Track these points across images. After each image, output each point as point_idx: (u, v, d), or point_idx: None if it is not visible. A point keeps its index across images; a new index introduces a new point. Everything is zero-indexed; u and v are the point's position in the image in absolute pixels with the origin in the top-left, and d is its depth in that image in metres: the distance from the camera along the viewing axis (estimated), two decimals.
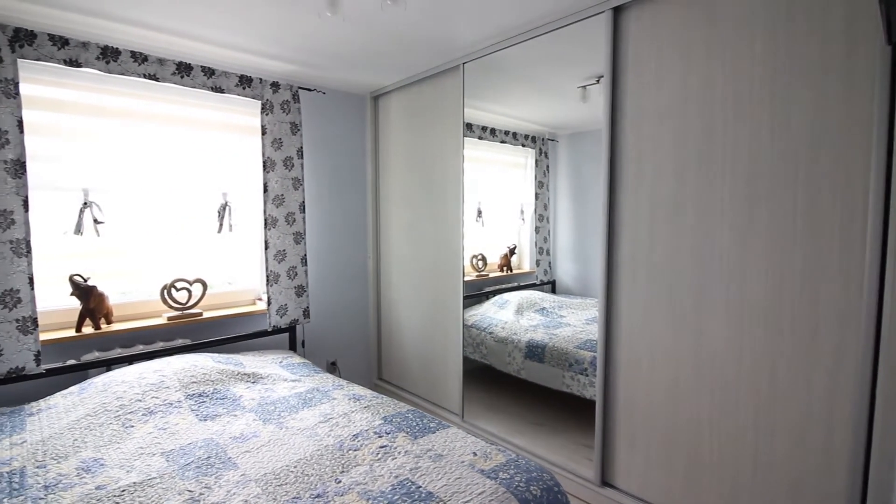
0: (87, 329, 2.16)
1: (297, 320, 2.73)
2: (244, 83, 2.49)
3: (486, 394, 2.82)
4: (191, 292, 2.45)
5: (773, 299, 1.46)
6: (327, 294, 3.04)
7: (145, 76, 2.19)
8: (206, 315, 2.47)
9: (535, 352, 2.52)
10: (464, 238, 2.56)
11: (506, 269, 3.02)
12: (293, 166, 2.67)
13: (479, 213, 2.80)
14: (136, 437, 1.59)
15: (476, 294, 2.95)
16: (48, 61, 1.95)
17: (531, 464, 1.47)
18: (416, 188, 2.85)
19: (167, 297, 2.39)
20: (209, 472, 1.39)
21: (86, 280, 2.13)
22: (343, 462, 1.44)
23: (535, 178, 2.84)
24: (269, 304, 2.62)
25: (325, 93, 2.92)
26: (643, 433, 1.81)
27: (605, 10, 1.79)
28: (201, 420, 1.72)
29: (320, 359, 3.01)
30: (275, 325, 2.64)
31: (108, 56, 2.08)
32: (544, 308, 2.81)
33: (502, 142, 2.79)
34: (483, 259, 2.99)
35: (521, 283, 3.00)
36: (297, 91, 2.68)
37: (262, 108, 2.57)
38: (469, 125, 2.57)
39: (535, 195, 2.85)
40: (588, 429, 2.05)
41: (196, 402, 1.83)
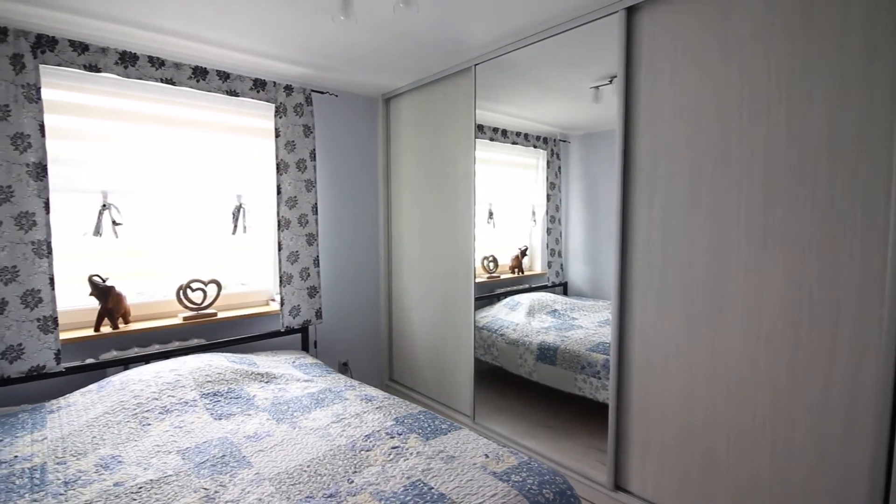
0: (106, 328, 2.20)
1: (310, 321, 2.76)
2: (258, 86, 2.53)
3: (497, 396, 2.81)
4: (206, 293, 2.49)
5: (791, 301, 1.44)
6: (339, 295, 3.06)
7: (162, 80, 2.22)
8: (220, 315, 2.50)
9: (547, 354, 2.51)
10: (475, 239, 2.56)
11: (517, 270, 3.01)
12: (306, 168, 2.70)
13: (491, 214, 2.79)
14: (153, 435, 1.62)
15: (487, 295, 2.95)
16: (69, 67, 1.99)
17: (543, 467, 1.47)
18: (427, 190, 2.86)
19: (183, 297, 2.42)
20: (224, 470, 1.41)
21: (104, 280, 2.17)
22: (355, 462, 1.45)
23: (547, 180, 2.82)
24: (282, 304, 2.64)
25: (337, 95, 2.94)
26: (657, 437, 1.79)
27: (619, 10, 1.78)
28: (216, 419, 1.74)
29: (332, 359, 3.03)
30: (288, 326, 2.67)
31: (127, 61, 2.12)
32: (556, 310, 2.80)
33: (514, 143, 2.78)
34: (494, 260, 2.98)
35: (533, 285, 2.99)
36: (310, 94, 2.71)
37: (275, 111, 2.59)
38: (480, 126, 2.57)
39: (547, 196, 2.84)
40: (600, 432, 2.03)
41: (211, 401, 1.85)
